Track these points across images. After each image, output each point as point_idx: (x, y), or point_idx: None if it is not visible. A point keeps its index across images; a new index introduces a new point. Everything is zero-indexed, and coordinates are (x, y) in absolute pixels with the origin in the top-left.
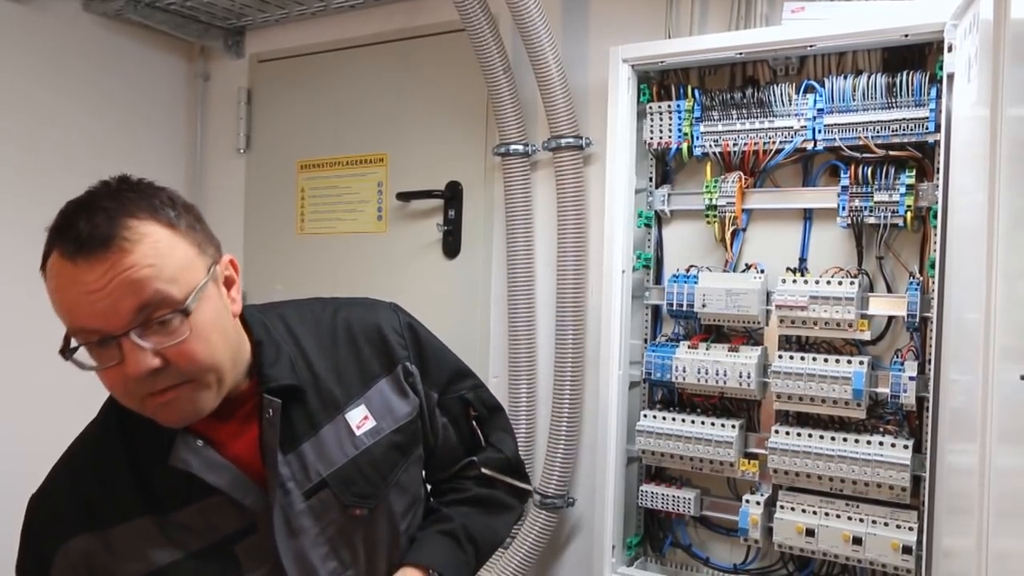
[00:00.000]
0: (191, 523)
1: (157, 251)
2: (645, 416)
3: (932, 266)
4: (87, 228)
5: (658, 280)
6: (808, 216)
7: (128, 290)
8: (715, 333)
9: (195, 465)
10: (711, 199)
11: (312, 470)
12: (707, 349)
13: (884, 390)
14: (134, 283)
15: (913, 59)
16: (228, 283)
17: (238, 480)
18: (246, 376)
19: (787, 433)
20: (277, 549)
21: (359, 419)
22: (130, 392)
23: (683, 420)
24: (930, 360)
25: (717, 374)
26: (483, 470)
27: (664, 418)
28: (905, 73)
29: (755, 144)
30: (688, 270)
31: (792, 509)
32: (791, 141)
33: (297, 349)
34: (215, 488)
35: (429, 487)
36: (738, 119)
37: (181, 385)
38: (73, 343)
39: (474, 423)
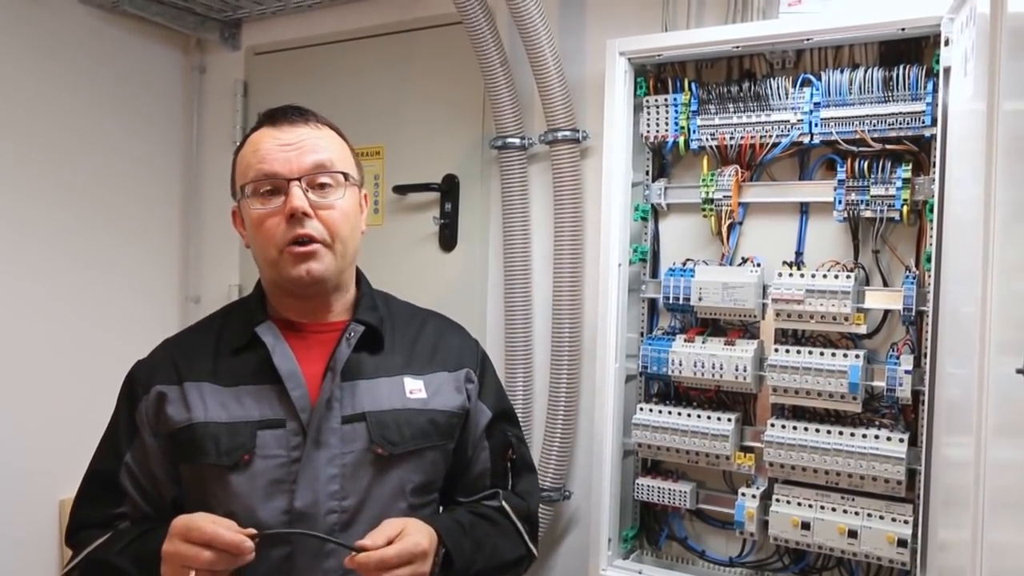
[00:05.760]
0: (240, 399)
1: (334, 139)
2: (641, 409)
3: (928, 260)
4: (289, 109)
5: (655, 273)
6: (804, 210)
7: (311, 149)
8: (711, 327)
9: (270, 342)
10: (708, 193)
11: (358, 403)
12: (703, 342)
13: (880, 384)
14: (317, 146)
15: (910, 53)
16: (360, 210)
17: (296, 374)
18: (339, 310)
19: (783, 426)
20: (292, 447)
21: (413, 387)
22: (279, 236)
23: (679, 413)
24: (926, 354)
25: (713, 367)
26: (504, 504)
27: (660, 411)
28: (902, 67)
29: (752, 138)
30: (685, 264)
31: (788, 502)
32: (788, 135)
33: (389, 315)
34: (274, 376)
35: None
36: (735, 113)
37: (318, 243)
38: (248, 189)
39: (508, 465)
